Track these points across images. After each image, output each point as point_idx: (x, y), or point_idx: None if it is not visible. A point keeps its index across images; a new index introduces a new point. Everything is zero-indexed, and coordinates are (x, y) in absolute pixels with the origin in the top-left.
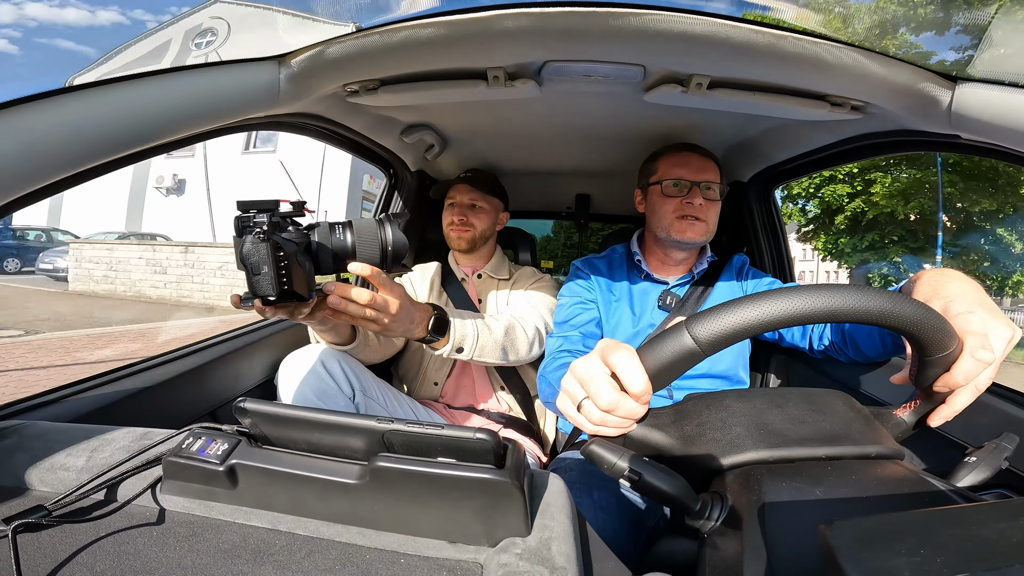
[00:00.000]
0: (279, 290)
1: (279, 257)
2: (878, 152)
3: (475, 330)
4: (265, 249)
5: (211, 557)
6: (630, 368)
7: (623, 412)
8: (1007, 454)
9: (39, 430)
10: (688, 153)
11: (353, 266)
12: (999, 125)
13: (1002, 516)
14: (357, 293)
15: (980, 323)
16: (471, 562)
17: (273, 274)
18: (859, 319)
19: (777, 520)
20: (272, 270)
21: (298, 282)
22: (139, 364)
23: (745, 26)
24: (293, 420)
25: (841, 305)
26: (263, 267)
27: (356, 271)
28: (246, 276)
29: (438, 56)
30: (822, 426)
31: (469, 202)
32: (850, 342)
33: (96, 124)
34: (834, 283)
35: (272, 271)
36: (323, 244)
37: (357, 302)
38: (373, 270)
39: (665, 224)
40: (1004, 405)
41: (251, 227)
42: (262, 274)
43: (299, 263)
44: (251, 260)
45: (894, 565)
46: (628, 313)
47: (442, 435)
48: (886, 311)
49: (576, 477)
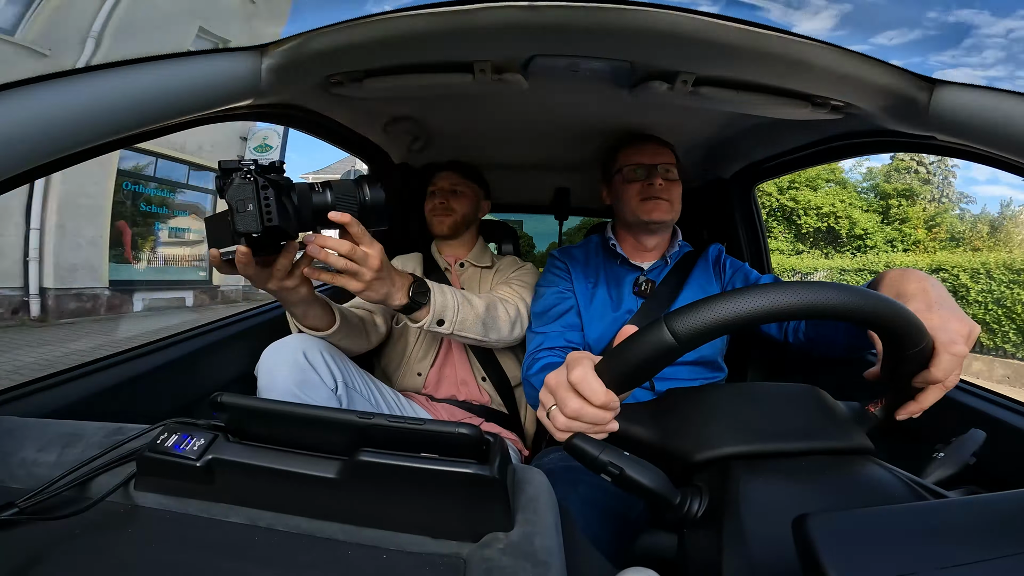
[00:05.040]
0: (264, 224)
1: (264, 194)
2: (857, 152)
3: (456, 302)
4: (251, 187)
5: (188, 554)
6: (586, 383)
7: (588, 419)
8: (974, 450)
9: (8, 425)
10: (644, 142)
11: (333, 214)
12: (975, 127)
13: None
14: (336, 242)
15: (938, 319)
16: (454, 556)
17: (258, 209)
18: (833, 316)
19: (754, 513)
20: (257, 206)
21: (283, 218)
22: (112, 358)
23: (732, 25)
24: (271, 414)
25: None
26: (248, 204)
27: (336, 219)
28: (231, 220)
29: (424, 48)
30: (796, 421)
31: (450, 187)
32: (823, 338)
33: (70, 114)
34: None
35: (257, 207)
36: (304, 198)
37: (337, 251)
38: (352, 219)
39: (632, 207)
40: (971, 401)
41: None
42: (247, 211)
43: (283, 202)
44: (237, 198)
45: (868, 559)
46: (605, 299)
47: (424, 429)
48: (860, 308)
49: (559, 472)
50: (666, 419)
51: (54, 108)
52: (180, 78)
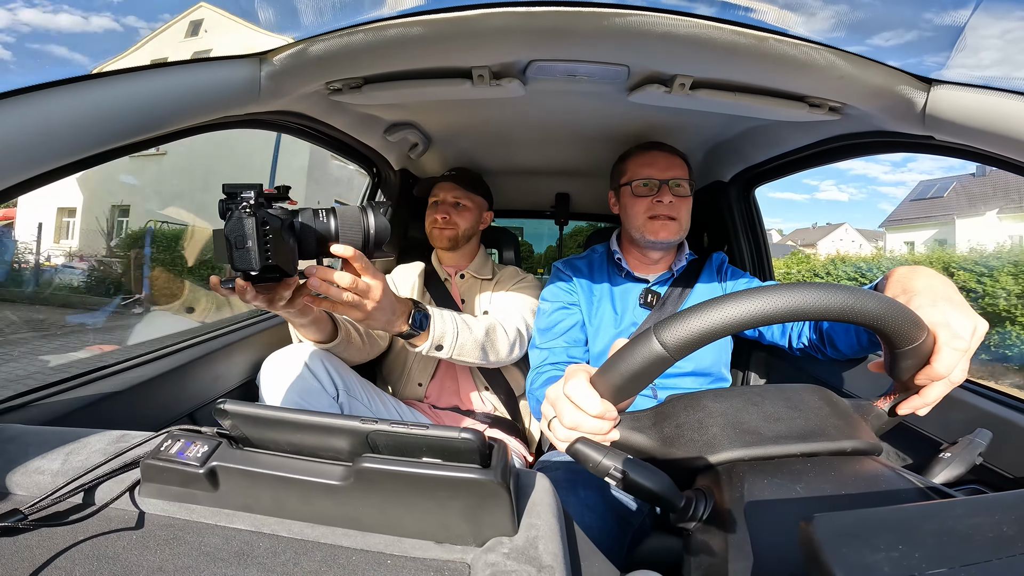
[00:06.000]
0: (263, 264)
1: (264, 231)
2: (855, 153)
3: (455, 328)
4: (251, 223)
5: (193, 560)
6: (581, 394)
7: (587, 429)
8: (980, 450)
9: (12, 433)
10: (655, 152)
11: (336, 247)
12: (971, 127)
13: (977, 512)
14: (339, 276)
15: (940, 314)
16: (458, 562)
17: (257, 247)
18: (822, 316)
19: (759, 517)
20: (256, 244)
21: (282, 257)
22: (116, 365)
23: (728, 27)
24: (275, 421)
25: (803, 303)
26: (247, 241)
27: (338, 252)
28: (229, 255)
29: (423, 55)
30: (798, 423)
31: (453, 200)
32: (828, 340)
33: (69, 122)
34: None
35: (256, 244)
36: (307, 226)
37: (338, 285)
38: (355, 252)
39: (638, 224)
40: (978, 401)
41: (236, 206)
42: (246, 248)
43: (283, 239)
44: (235, 234)
45: (874, 560)
46: (610, 312)
47: (427, 435)
48: (848, 307)
49: (562, 476)
50: (666, 425)
51: (55, 116)
52: (180, 86)
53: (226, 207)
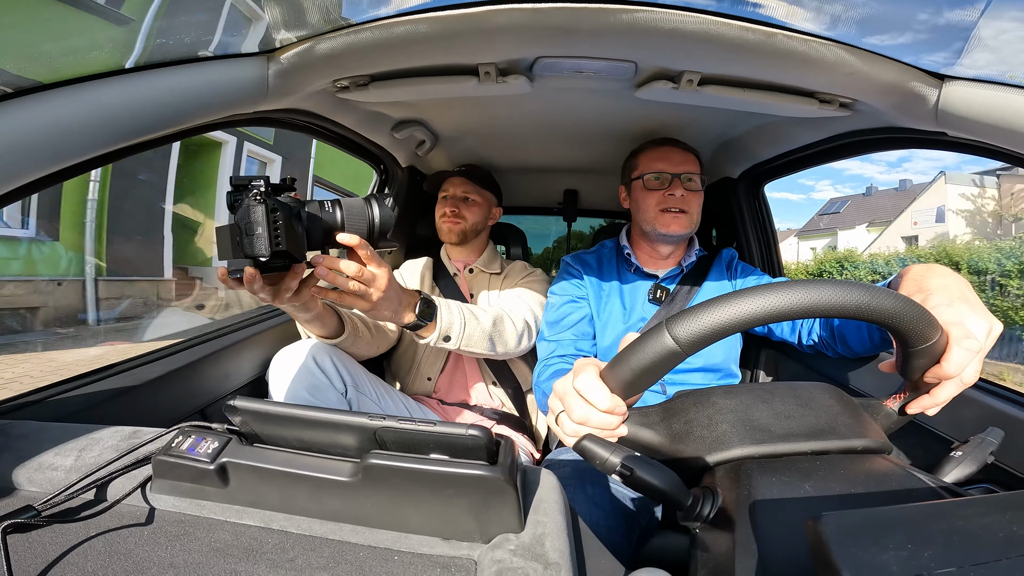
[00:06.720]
0: (273, 249)
1: (274, 218)
2: (866, 150)
3: (462, 319)
4: (261, 210)
5: (203, 556)
6: (591, 389)
7: (595, 424)
8: (992, 448)
9: (26, 430)
10: (668, 147)
11: (342, 236)
12: (985, 123)
13: (988, 511)
14: (345, 264)
15: (956, 314)
16: (465, 558)
17: (268, 234)
18: (837, 313)
19: (767, 515)
20: (267, 230)
21: (292, 243)
22: (127, 362)
23: (736, 23)
24: (284, 418)
25: (818, 300)
26: (258, 227)
27: (344, 240)
28: (239, 244)
29: (429, 52)
30: (808, 420)
31: (462, 194)
32: (838, 337)
33: (80, 121)
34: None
35: (267, 231)
36: (314, 216)
37: (344, 273)
38: (360, 240)
39: (649, 218)
40: (989, 400)
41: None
42: (256, 234)
43: (292, 226)
44: (246, 221)
45: (883, 559)
46: (619, 307)
47: (435, 432)
48: (863, 304)
49: (569, 473)
50: (675, 422)
51: (66, 115)
52: (189, 85)
53: (235, 199)
